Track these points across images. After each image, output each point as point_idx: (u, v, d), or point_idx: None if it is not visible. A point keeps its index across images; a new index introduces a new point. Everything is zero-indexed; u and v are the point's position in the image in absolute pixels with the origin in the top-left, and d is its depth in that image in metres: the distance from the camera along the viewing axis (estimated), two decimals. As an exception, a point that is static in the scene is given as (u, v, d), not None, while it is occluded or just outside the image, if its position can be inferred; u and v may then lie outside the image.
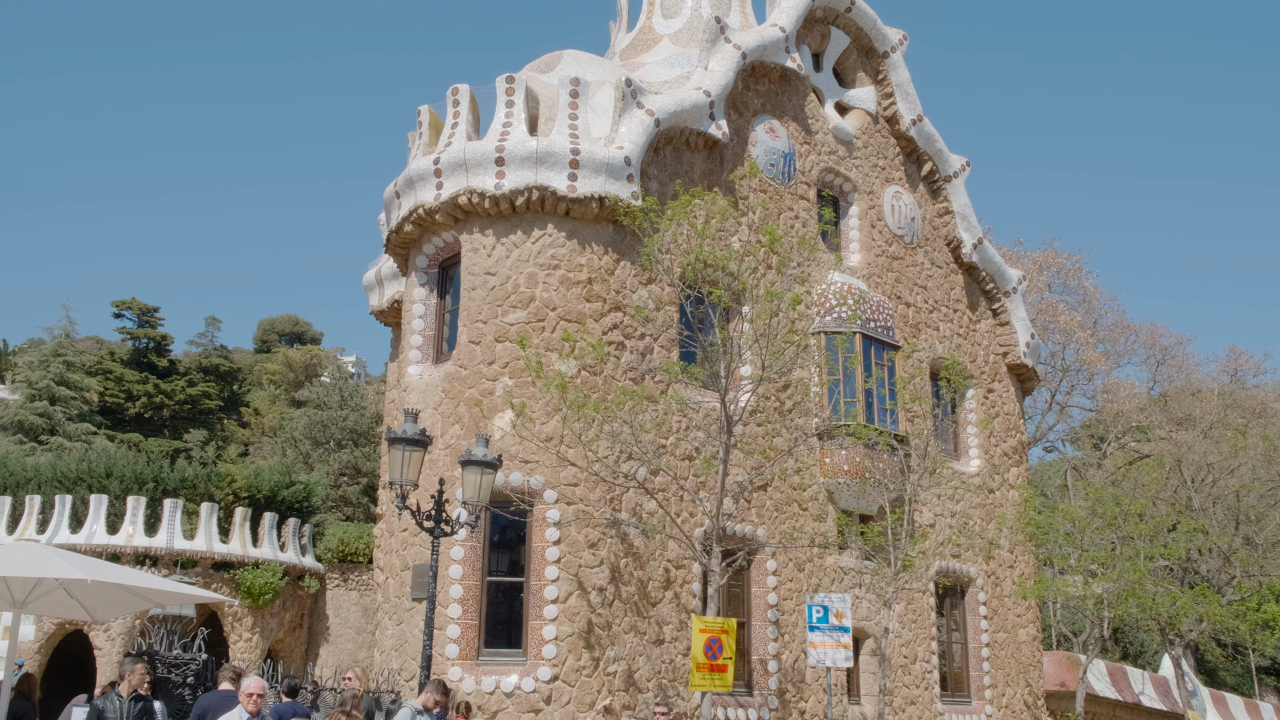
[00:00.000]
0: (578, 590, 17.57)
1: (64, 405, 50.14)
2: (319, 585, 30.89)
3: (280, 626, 29.59)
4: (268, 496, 31.80)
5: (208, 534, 28.52)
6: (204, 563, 28.02)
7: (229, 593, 27.49)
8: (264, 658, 28.17)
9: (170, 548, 27.65)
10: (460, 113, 19.56)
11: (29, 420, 48.39)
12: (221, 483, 31.69)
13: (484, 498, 15.42)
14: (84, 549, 25.54)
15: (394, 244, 20.62)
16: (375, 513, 32.63)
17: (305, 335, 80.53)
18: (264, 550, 29.34)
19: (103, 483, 30.25)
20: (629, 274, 19.34)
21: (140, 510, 28.08)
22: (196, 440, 53.38)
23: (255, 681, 10.08)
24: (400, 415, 17.55)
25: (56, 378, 50.60)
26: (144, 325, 57.60)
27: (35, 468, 32.02)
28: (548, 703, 17.00)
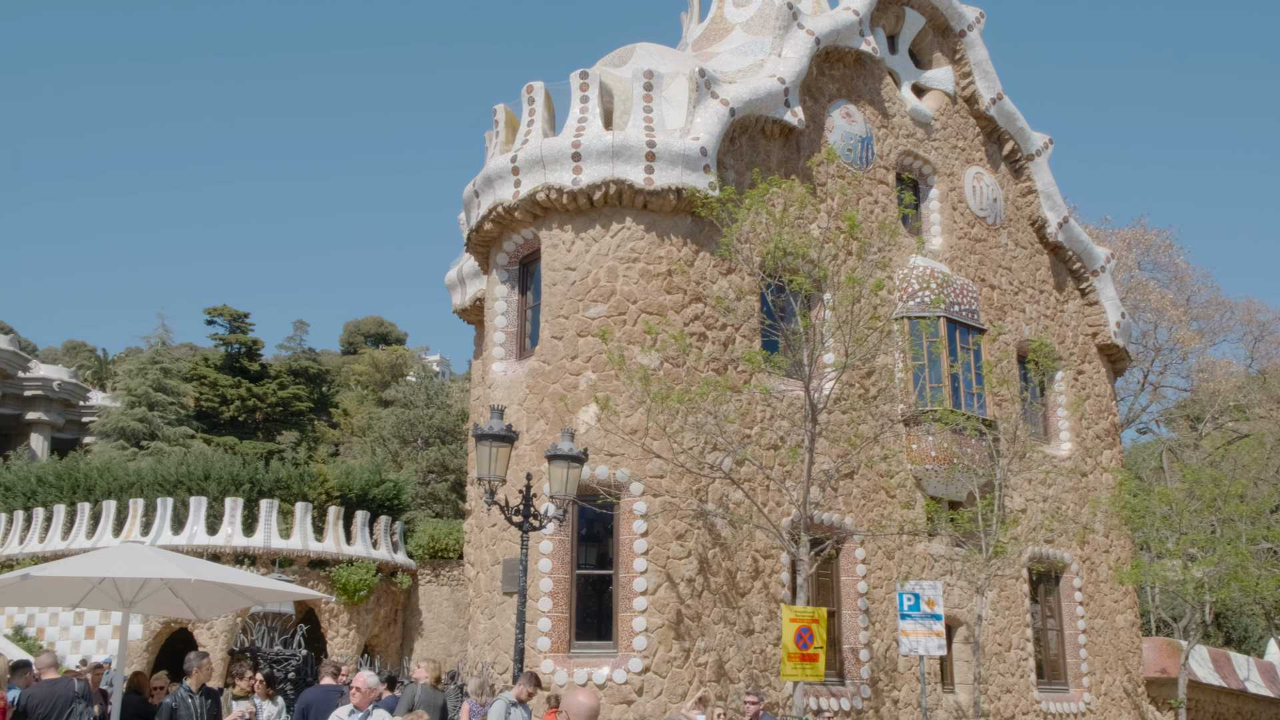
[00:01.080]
0: (666, 582, 17.62)
1: (162, 411, 51.59)
2: (411, 581, 31.37)
3: (375, 622, 30.13)
4: (359, 495, 32.34)
5: (303, 533, 29.12)
6: (300, 561, 28.63)
7: (325, 590, 28.04)
8: (361, 652, 28.72)
9: (267, 547, 28.30)
10: (536, 110, 19.70)
11: (130, 426, 49.90)
12: (314, 483, 32.30)
13: (571, 491, 15.55)
14: (186, 549, 26.25)
15: (474, 243, 20.85)
16: (464, 509, 33.06)
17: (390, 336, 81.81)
18: (357, 548, 29.88)
19: (201, 485, 31.05)
20: (708, 264, 19.32)
21: (238, 511, 28.78)
22: (289, 441, 54.53)
23: (365, 676, 10.09)
24: (486, 412, 17.78)
25: (154, 384, 52.08)
26: (235, 331, 58.99)
27: (137, 472, 32.97)
28: (639, 694, 17.08)
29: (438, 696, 12.67)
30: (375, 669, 15.33)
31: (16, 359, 59.31)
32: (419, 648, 30.80)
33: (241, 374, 57.99)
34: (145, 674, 13.26)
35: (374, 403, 61.46)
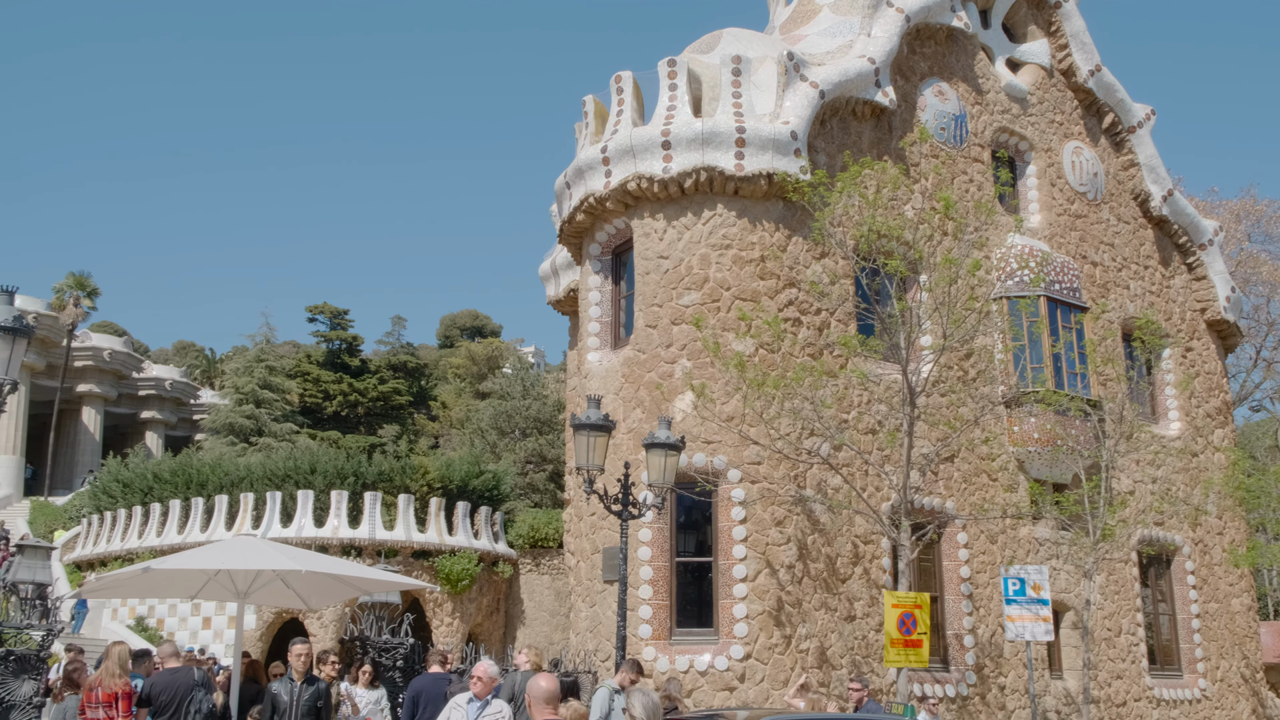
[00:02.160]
0: (766, 568, 17.59)
1: (268, 407, 52.95)
2: (512, 570, 31.77)
3: (478, 611, 30.59)
4: (459, 486, 32.80)
5: (406, 524, 29.68)
6: (404, 552, 29.19)
7: (429, 580, 28.54)
8: (465, 641, 29.20)
9: (372, 538, 28.91)
10: (624, 100, 19.75)
11: (238, 423, 51.35)
12: (416, 475, 32.85)
13: (669, 479, 15.61)
14: (295, 542, 26.90)
15: (567, 234, 21.00)
16: (563, 498, 33.38)
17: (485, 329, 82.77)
18: (459, 538, 30.35)
19: (308, 479, 31.79)
20: (801, 249, 19.19)
21: (343, 504, 29.44)
22: (390, 435, 55.53)
23: (486, 666, 10.07)
24: (582, 402, 17.92)
25: (260, 382, 53.50)
26: (336, 328, 60.28)
27: (247, 467, 33.90)
28: (741, 681, 17.10)
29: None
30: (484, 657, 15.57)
31: (131, 360, 61.44)
32: (521, 636, 31.20)
33: (343, 370, 59.24)
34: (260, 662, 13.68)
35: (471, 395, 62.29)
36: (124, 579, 13.25)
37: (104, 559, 32.29)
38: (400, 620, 16.83)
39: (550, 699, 7.05)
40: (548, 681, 7.12)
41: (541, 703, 7.03)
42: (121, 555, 31.42)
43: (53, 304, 54.38)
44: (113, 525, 33.27)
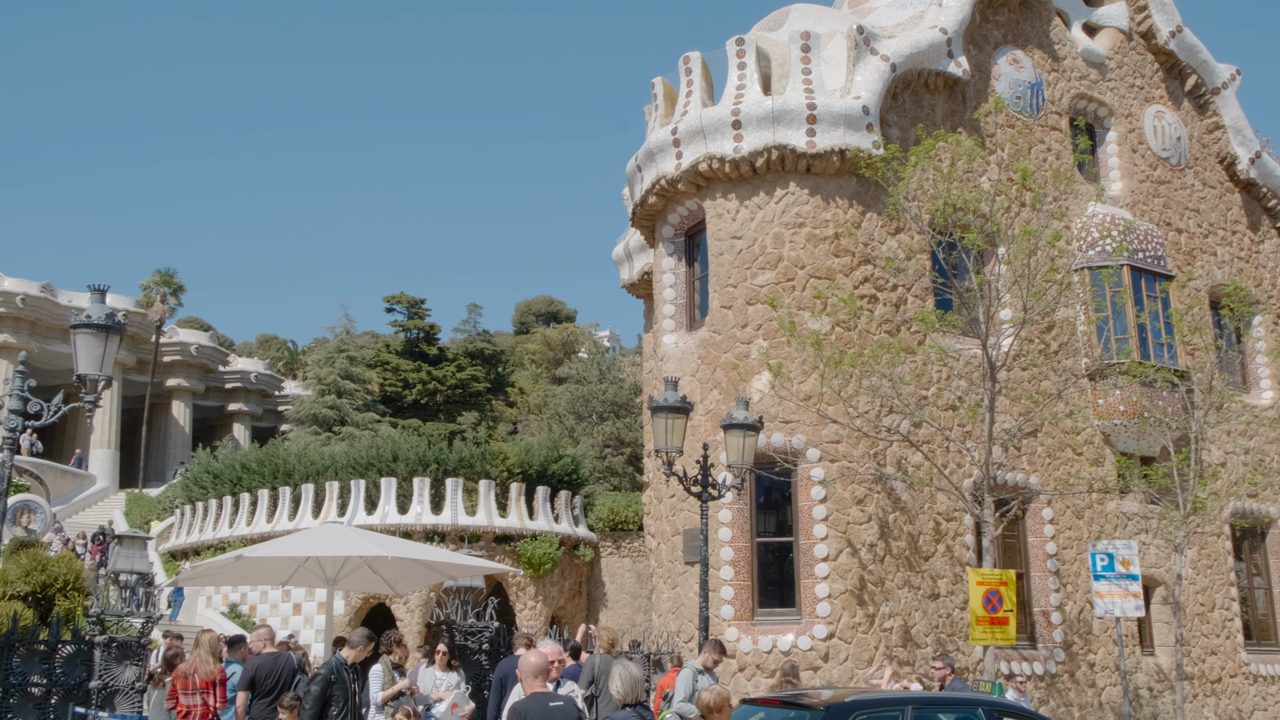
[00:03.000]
0: (847, 547, 17.51)
1: (350, 397, 53.89)
2: (593, 553, 31.99)
3: (561, 594, 30.86)
4: (539, 471, 33.06)
5: (487, 509, 30.01)
6: (486, 537, 29.54)
7: (511, 564, 28.86)
8: (548, 624, 29.49)
9: (455, 524, 29.28)
10: (693, 80, 19.69)
11: (321, 413, 52.35)
12: (495, 460, 33.16)
13: (748, 460, 15.59)
14: (379, 528, 27.38)
15: (639, 217, 21.02)
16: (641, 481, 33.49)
17: (560, 314, 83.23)
18: (540, 523, 30.62)
19: (390, 466, 32.28)
20: (876, 225, 19.00)
21: (425, 490, 29.86)
22: (469, 422, 56.18)
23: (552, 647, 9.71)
24: (659, 385, 17.97)
25: (341, 372, 54.46)
26: (413, 317, 61.10)
27: (331, 456, 34.52)
28: (825, 660, 17.06)
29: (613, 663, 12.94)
30: (564, 639, 15.72)
31: (217, 354, 62.91)
32: (604, 618, 31.42)
33: (421, 358, 60.03)
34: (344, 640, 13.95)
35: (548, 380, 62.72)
36: (218, 567, 13.62)
37: (197, 548, 33.16)
38: (485, 604, 17.04)
39: (539, 672, 7.61)
40: (536, 657, 7.71)
41: (531, 676, 7.58)
42: (213, 544, 32.24)
43: (141, 301, 55.87)
44: (204, 515, 34.16)
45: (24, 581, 23.13)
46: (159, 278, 56.38)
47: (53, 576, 23.68)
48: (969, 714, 9.40)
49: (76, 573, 24.87)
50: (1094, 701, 19.49)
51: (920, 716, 8.94)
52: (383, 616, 29.12)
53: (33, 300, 51.91)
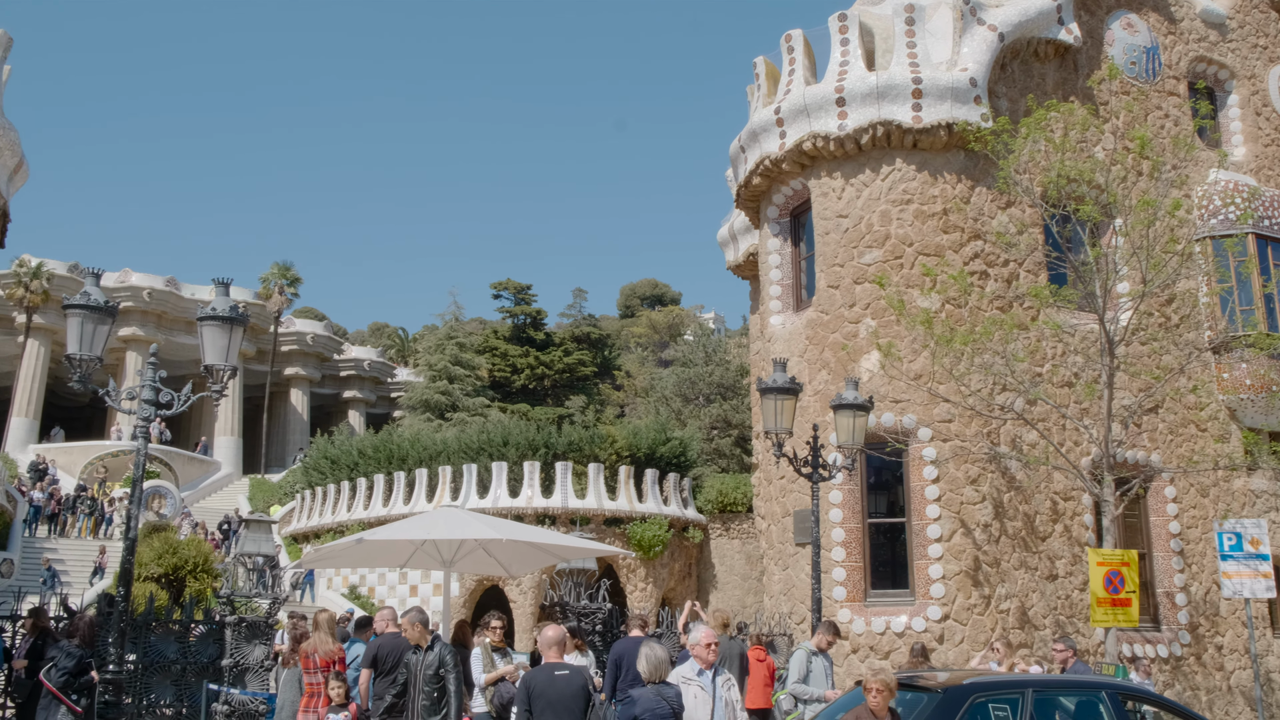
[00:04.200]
0: (961, 528, 17.26)
1: (460, 383, 54.84)
2: (702, 535, 32.06)
3: (671, 576, 31.03)
4: (647, 454, 33.22)
5: (596, 492, 30.31)
6: (596, 519, 29.83)
7: (621, 546, 29.10)
8: (659, 606, 29.68)
9: (565, 507, 29.64)
10: (795, 59, 19.52)
11: (433, 399, 53.40)
12: (604, 444, 33.43)
13: (858, 440, 15.47)
14: (491, 512, 27.85)
15: (744, 198, 20.94)
16: (750, 463, 33.41)
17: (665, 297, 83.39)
18: (649, 505, 30.81)
19: (501, 451, 32.79)
20: (986, 200, 18.62)
21: (536, 474, 30.28)
22: (576, 406, 56.72)
23: (707, 632, 8.77)
24: (767, 366, 17.91)
25: (452, 359, 55.44)
26: (520, 303, 61.87)
27: (443, 441, 35.21)
28: (940, 642, 16.86)
29: (733, 645, 12.95)
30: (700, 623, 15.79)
31: (332, 343, 64.56)
32: (714, 600, 31.49)
33: (529, 343, 60.77)
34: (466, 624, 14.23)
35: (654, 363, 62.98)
36: (339, 550, 14.01)
37: (317, 531, 34.16)
38: (597, 586, 17.24)
39: (552, 644, 8.26)
40: (554, 631, 8.37)
41: (547, 646, 8.28)
42: (332, 528, 33.16)
43: (260, 293, 57.61)
44: (323, 500, 35.15)
45: (157, 564, 24.15)
46: (276, 270, 58.05)
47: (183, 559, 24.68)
48: (1092, 697, 9.17)
49: (205, 555, 25.88)
50: (1222, 685, 18.90)
51: (1041, 699, 8.75)
52: (496, 598, 29.65)
53: (158, 294, 53.93)
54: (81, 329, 10.82)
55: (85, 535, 36.17)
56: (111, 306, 10.97)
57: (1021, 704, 8.56)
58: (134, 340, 52.94)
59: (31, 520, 35.24)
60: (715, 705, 8.41)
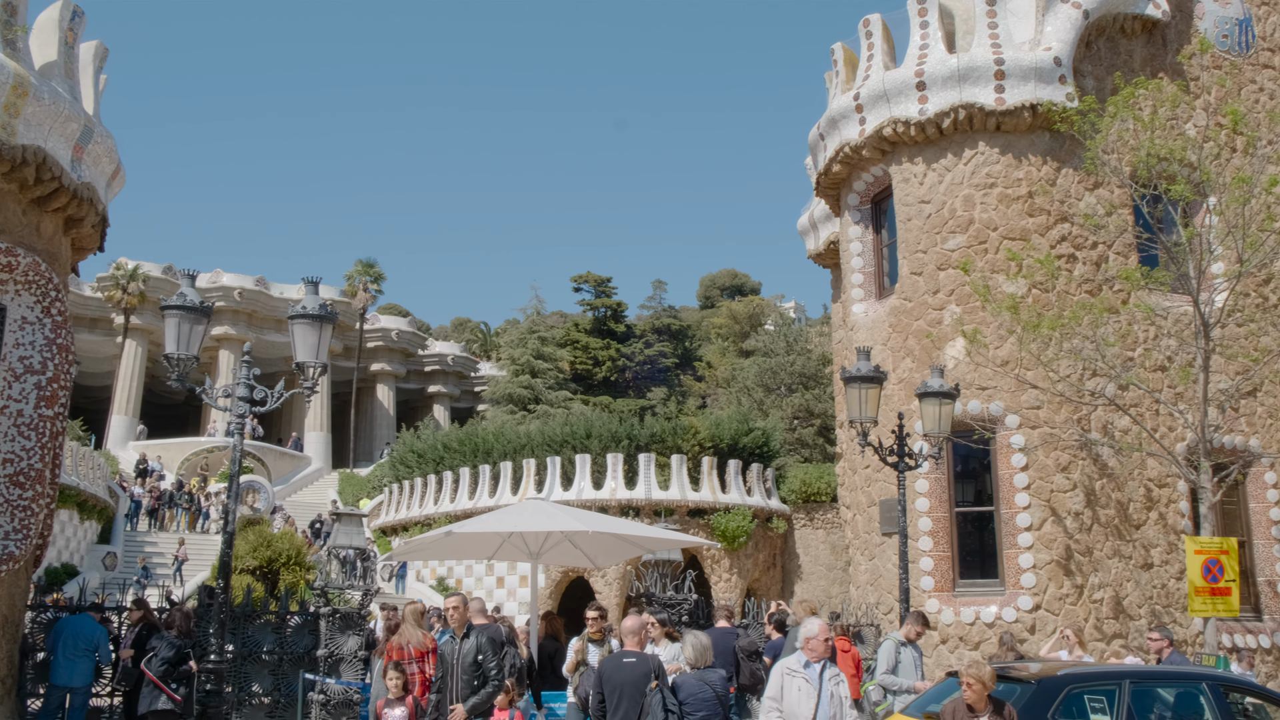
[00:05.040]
0: (1051, 516, 16.97)
1: (542, 376, 55.30)
2: (787, 525, 31.93)
3: (755, 566, 30.95)
4: (729, 445, 33.16)
5: (680, 483, 30.34)
6: (680, 510, 29.87)
7: (705, 537, 29.11)
8: (744, 596, 29.64)
9: (648, 498, 29.72)
10: (874, 44, 19.32)
11: (516, 393, 53.92)
12: (686, 435, 33.44)
13: (944, 428, 15.29)
14: (575, 504, 28.03)
15: (823, 186, 20.79)
16: (833, 452, 33.20)
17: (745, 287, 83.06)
18: (732, 495, 30.76)
19: (584, 443, 32.99)
20: (1072, 181, 18.24)
21: (619, 466, 30.40)
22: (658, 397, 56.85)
23: (819, 624, 8.55)
24: (850, 355, 17.77)
25: (534, 352, 55.93)
26: (600, 295, 62.14)
27: (527, 434, 35.55)
28: (1031, 632, 16.60)
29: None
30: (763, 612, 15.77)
31: (416, 339, 65.50)
32: (799, 590, 31.35)
33: (609, 336, 61.02)
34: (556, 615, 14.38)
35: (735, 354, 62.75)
36: (429, 542, 14.24)
37: (405, 524, 34.72)
38: (682, 576, 17.29)
39: (630, 633, 8.81)
40: (632, 620, 8.95)
41: (627, 634, 8.83)
42: (420, 520, 33.68)
43: (345, 290, 58.66)
44: (410, 493, 35.72)
45: (252, 556, 24.73)
46: (360, 267, 59.04)
47: (277, 552, 25.24)
48: (1192, 689, 8.94)
49: (298, 548, 26.43)
50: (1328, 676, 18.33)
51: (1139, 691, 8.56)
52: (582, 589, 29.85)
53: (249, 294, 55.22)
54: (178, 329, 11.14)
55: (183, 529, 37.23)
56: (206, 307, 11.28)
57: (1118, 696, 8.40)
58: (226, 339, 54.30)
59: (133, 515, 36.37)
60: (820, 700, 8.09)
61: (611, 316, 62.37)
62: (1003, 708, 7.80)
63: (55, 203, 11.99)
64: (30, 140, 11.29)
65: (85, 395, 55.15)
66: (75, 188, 12.08)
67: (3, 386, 11.35)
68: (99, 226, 13.14)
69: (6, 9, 11.27)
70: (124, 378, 53.15)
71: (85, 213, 12.52)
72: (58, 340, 11.67)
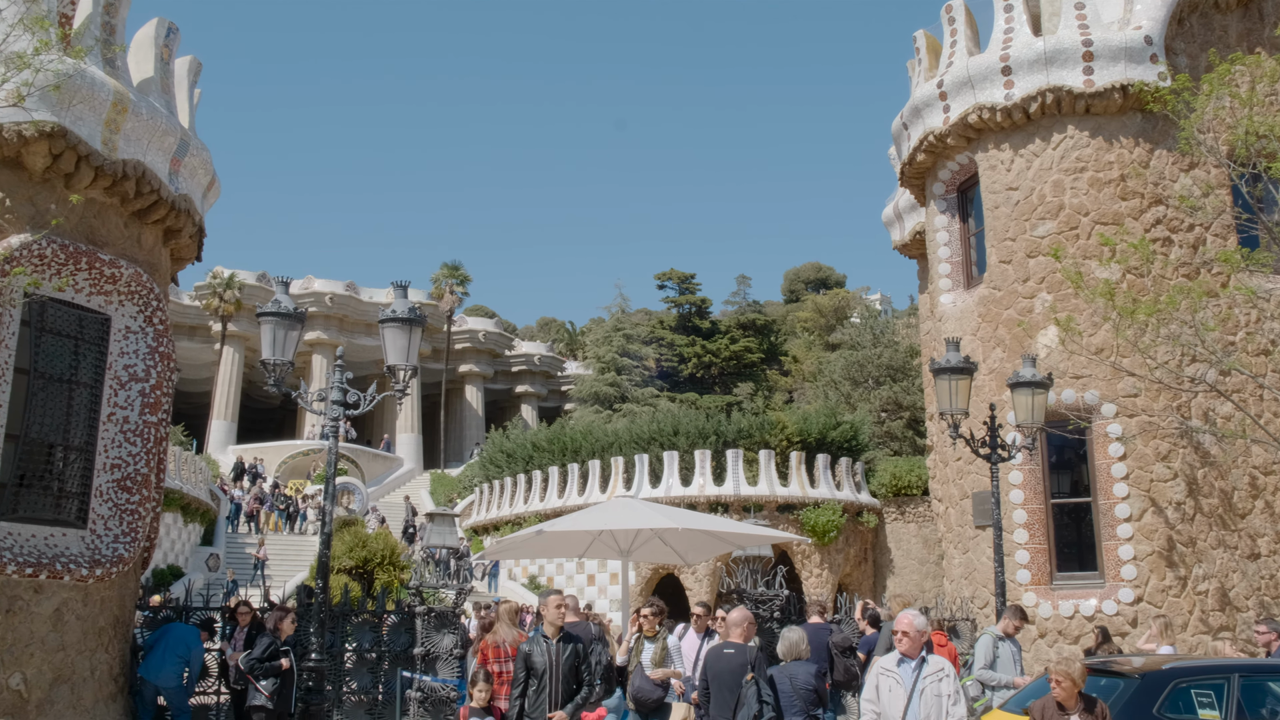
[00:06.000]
0: (1151, 507, 16.56)
1: (628, 374, 55.50)
2: (877, 520, 31.63)
3: (846, 561, 30.71)
4: (817, 439, 32.95)
5: (768, 478, 30.24)
6: (769, 506, 29.76)
7: (795, 533, 28.97)
8: (835, 591, 29.44)
9: (737, 494, 29.68)
10: (957, 30, 19.03)
11: (603, 391, 54.21)
12: (774, 430, 33.30)
13: (1038, 419, 15.02)
14: (664, 501, 28.11)
15: (908, 175, 20.54)
16: (923, 445, 32.78)
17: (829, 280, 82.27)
18: (821, 490, 30.56)
19: (671, 440, 33.06)
20: (1166, 163, 17.77)
21: (707, 462, 30.41)
22: (745, 393, 56.62)
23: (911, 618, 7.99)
24: (938, 346, 17.54)
25: (619, 350, 56.17)
26: (684, 292, 62.12)
27: (614, 432, 35.73)
28: (1133, 626, 16.22)
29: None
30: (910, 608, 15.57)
31: (503, 339, 66.19)
32: (891, 585, 31.03)
33: (694, 332, 60.97)
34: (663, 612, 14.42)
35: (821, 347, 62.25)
36: (520, 541, 14.40)
37: (496, 523, 35.12)
38: (773, 572, 17.22)
39: (737, 624, 9.15)
40: (738, 613, 9.27)
41: (732, 626, 9.17)
42: (510, 520, 34.05)
43: (432, 293, 59.53)
44: (500, 492, 36.12)
45: (348, 557, 25.26)
46: (446, 270, 59.83)
47: (372, 552, 25.74)
48: (1305, 682, 8.65)
49: (392, 548, 26.92)
50: None
51: (1250, 685, 8.30)
52: (672, 586, 29.91)
53: (339, 299, 56.34)
54: (274, 335, 11.42)
55: (281, 530, 38.13)
56: (300, 313, 11.54)
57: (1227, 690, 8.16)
58: (318, 344, 55.46)
59: (233, 517, 37.36)
60: (911, 699, 7.59)
61: (696, 313, 62.30)
62: (1094, 705, 7.49)
63: (154, 215, 12.36)
64: (130, 155, 11.65)
65: (186, 401, 56.75)
66: (173, 200, 12.44)
67: (109, 394, 11.73)
68: (196, 237, 13.51)
69: (105, 29, 11.64)
70: (222, 383, 54.61)
71: (183, 224, 12.88)
72: (160, 348, 12.03)
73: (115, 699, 11.65)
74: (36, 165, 10.91)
